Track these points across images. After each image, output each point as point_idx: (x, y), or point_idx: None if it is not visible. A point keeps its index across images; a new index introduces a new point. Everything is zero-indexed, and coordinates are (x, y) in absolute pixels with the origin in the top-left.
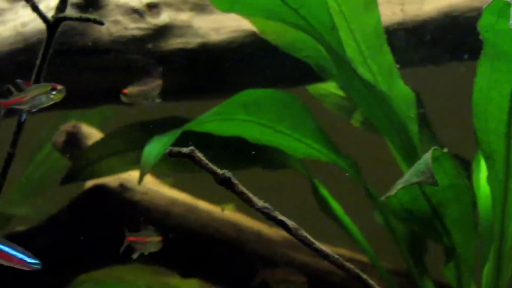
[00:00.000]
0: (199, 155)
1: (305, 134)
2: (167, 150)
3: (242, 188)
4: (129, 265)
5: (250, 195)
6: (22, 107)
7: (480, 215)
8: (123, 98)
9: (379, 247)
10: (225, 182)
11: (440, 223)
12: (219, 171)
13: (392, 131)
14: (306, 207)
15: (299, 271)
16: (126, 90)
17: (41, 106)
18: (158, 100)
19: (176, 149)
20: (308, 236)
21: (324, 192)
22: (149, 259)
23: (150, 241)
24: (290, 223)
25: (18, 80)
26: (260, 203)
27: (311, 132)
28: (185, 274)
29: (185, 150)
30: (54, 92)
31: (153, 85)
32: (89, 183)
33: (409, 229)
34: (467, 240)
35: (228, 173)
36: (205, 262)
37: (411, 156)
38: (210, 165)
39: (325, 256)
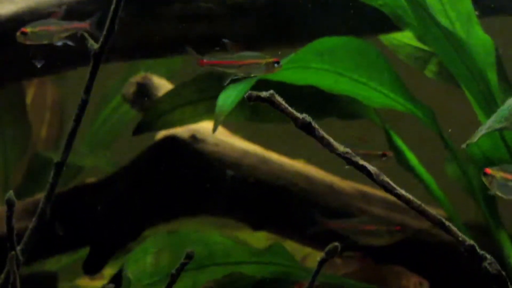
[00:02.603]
0: (279, 99)
1: (381, 83)
2: (246, 94)
3: (322, 132)
4: (199, 218)
5: (331, 140)
6: (228, 70)
7: None
8: (19, 39)
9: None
10: (305, 127)
11: None
12: (299, 115)
13: (470, 79)
14: None
15: None
16: (26, 29)
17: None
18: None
19: (255, 93)
20: (390, 182)
21: (400, 143)
22: (219, 212)
23: None
24: (371, 168)
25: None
26: (341, 148)
27: (387, 81)
28: (255, 227)
29: (264, 94)
30: (277, 66)
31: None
32: (160, 135)
33: None
34: None
35: (308, 118)
36: (275, 215)
37: (489, 104)
38: (290, 109)
39: (407, 201)
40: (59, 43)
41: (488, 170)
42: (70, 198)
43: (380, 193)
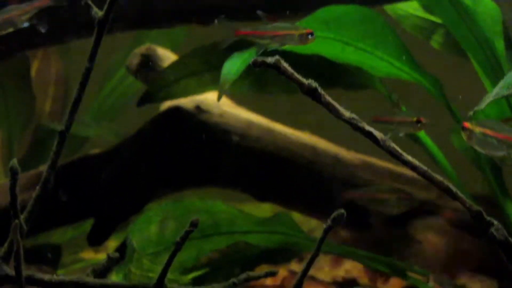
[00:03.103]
0: (285, 65)
1: (387, 51)
2: (252, 60)
3: (328, 98)
4: (204, 189)
5: (337, 105)
6: (262, 41)
7: None
8: None
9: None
10: (311, 92)
11: None
12: (304, 81)
13: (477, 48)
14: None
15: None
16: None
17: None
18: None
19: (261, 58)
20: (396, 147)
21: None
22: (224, 183)
23: None
24: (378, 134)
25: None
26: (347, 113)
27: (393, 50)
28: (260, 198)
29: (270, 59)
30: (310, 37)
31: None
32: (164, 106)
33: None
34: None
35: (314, 83)
36: (280, 186)
37: (496, 73)
38: (296, 75)
39: (414, 168)
40: (26, 25)
41: (467, 124)
42: (74, 170)
43: (386, 164)
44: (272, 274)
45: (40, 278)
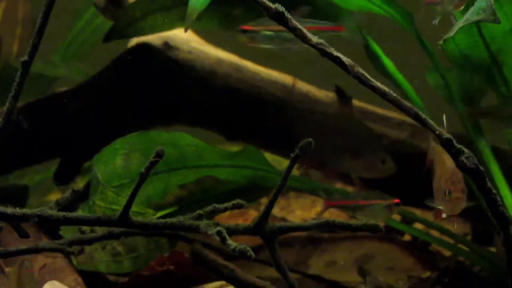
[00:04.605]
0: None
1: None
2: None
3: (295, 23)
4: (172, 127)
5: (304, 30)
6: None
7: None
8: None
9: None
10: (278, 17)
11: (499, 72)
12: (271, 5)
13: None
14: None
15: None
16: None
17: None
18: None
19: None
20: (365, 73)
21: (377, 48)
22: (193, 121)
23: None
24: (346, 59)
25: None
26: (314, 39)
27: None
28: (230, 137)
29: None
30: None
31: None
32: (132, 42)
33: (465, 84)
34: None
35: (281, 8)
36: (251, 125)
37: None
38: None
39: (382, 94)
40: None
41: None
42: (41, 108)
43: (358, 103)
44: (239, 206)
45: (3, 211)
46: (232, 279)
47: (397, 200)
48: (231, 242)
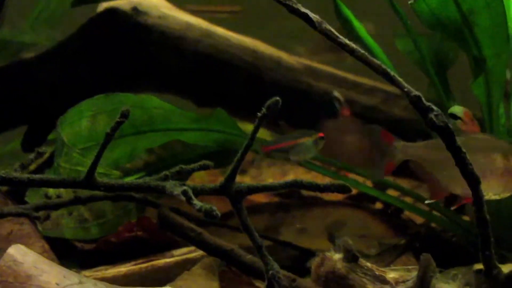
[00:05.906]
0: None
1: None
2: None
3: None
4: (142, 93)
5: None
6: None
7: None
8: None
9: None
10: None
11: (470, 33)
12: None
13: None
14: None
15: None
16: None
17: None
18: None
19: None
20: (333, 30)
21: (347, 12)
22: (162, 87)
23: None
24: (314, 16)
25: None
26: None
27: None
28: (200, 103)
29: None
30: None
31: None
32: (101, 7)
33: (436, 48)
34: (498, 53)
35: None
36: (221, 90)
37: None
38: None
39: (350, 51)
40: None
41: None
42: (7, 74)
43: (329, 68)
44: (206, 167)
45: None
46: (199, 242)
47: (321, 134)
48: (197, 202)
